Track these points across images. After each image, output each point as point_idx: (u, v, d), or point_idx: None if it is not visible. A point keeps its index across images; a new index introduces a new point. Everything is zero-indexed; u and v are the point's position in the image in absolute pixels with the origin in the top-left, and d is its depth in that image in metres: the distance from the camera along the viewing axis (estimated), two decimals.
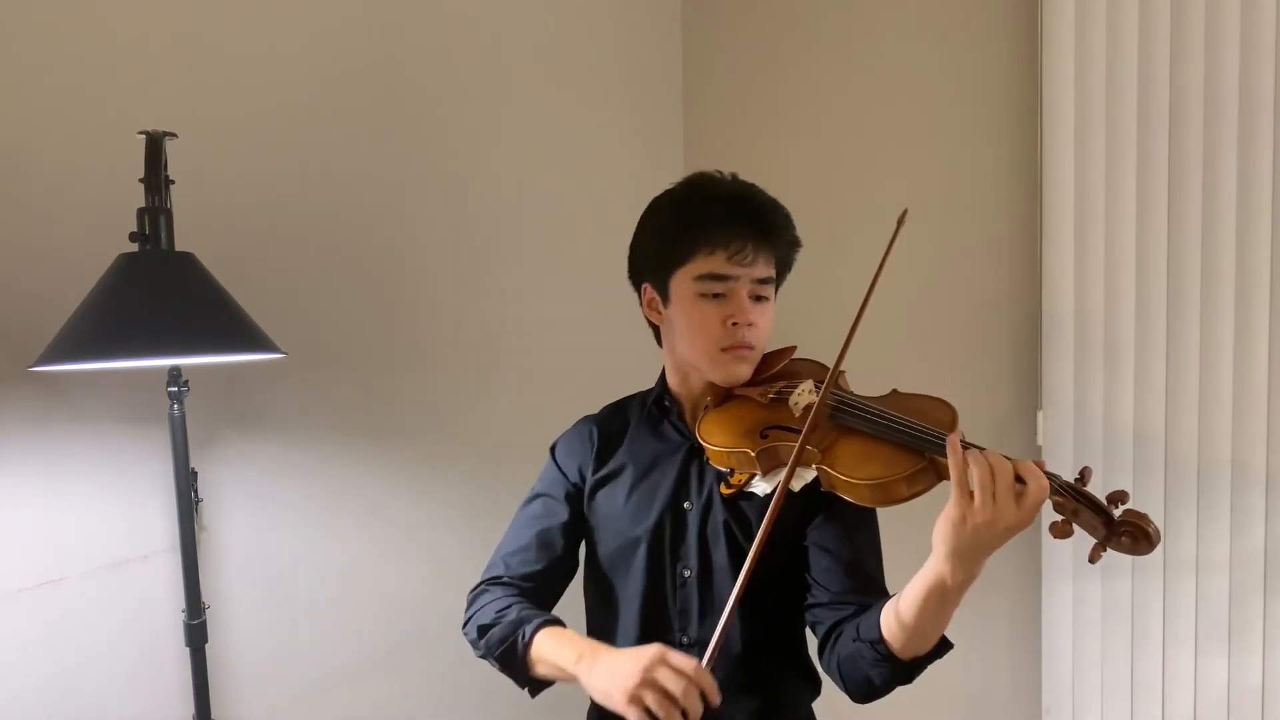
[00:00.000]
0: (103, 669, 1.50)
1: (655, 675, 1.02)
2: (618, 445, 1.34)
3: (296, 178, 1.73)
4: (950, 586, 1.00)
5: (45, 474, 1.44)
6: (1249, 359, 1.82)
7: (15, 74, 1.39)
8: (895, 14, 2.24)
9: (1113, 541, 0.98)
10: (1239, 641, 1.86)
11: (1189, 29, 1.83)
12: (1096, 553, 0.98)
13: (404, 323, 1.92)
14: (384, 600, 1.87)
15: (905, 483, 1.06)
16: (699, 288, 1.21)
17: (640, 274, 1.30)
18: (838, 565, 1.19)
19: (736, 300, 1.20)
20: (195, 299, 1.30)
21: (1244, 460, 1.84)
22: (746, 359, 1.23)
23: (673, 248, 1.23)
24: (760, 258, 1.21)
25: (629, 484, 1.30)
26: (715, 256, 1.20)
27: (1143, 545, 0.97)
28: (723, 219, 1.20)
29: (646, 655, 1.04)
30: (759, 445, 1.16)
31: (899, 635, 1.06)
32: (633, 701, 1.02)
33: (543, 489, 1.36)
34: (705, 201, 1.23)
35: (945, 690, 2.28)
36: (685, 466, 1.27)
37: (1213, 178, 1.83)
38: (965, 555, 0.98)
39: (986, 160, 2.15)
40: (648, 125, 2.51)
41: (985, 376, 2.18)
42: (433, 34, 1.96)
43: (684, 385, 1.31)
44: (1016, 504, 0.95)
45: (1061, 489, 0.99)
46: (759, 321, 1.23)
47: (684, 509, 1.26)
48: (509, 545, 1.33)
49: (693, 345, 1.24)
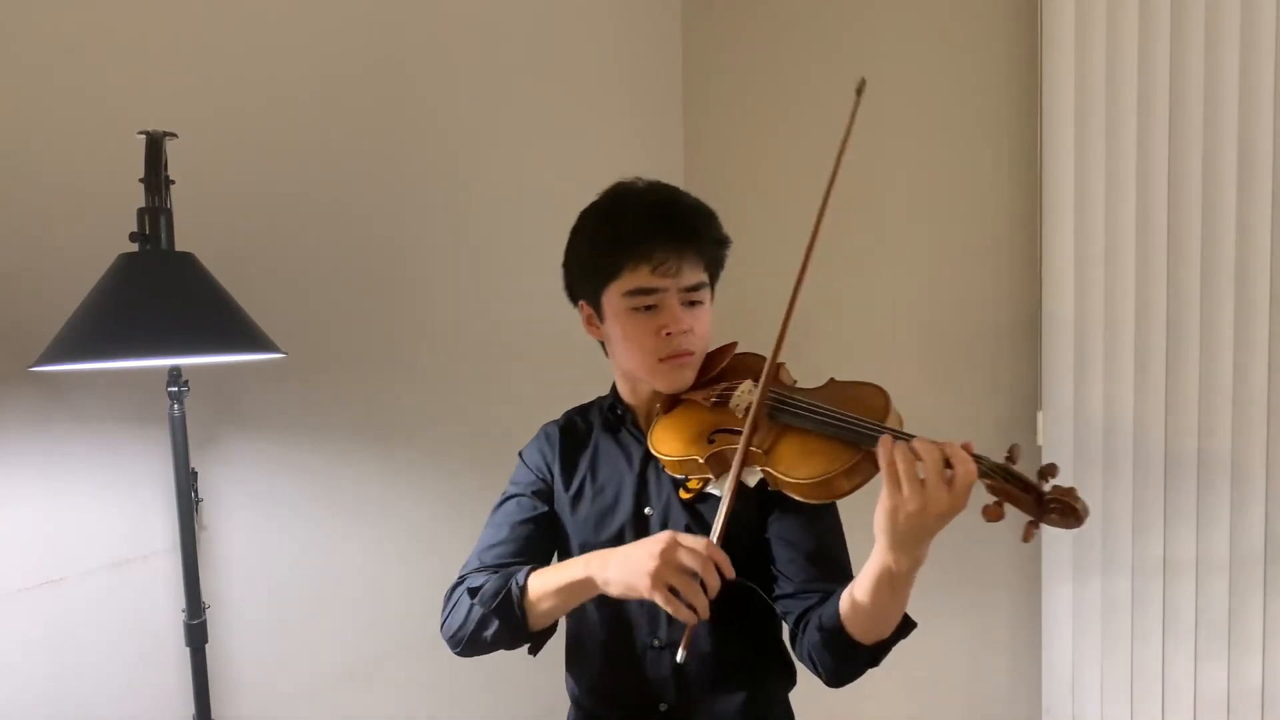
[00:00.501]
0: (103, 669, 1.50)
1: (674, 555, 1.04)
2: (580, 451, 1.35)
3: (296, 178, 1.73)
4: (896, 573, 1.01)
5: (45, 474, 1.44)
6: (1249, 359, 1.82)
7: (15, 74, 1.38)
8: (895, 14, 2.24)
9: (1045, 519, 0.97)
10: (1239, 641, 1.86)
11: (1189, 29, 1.83)
12: (1030, 531, 0.98)
13: (404, 322, 1.92)
14: (384, 600, 1.87)
15: (844, 477, 1.07)
16: (629, 303, 1.21)
17: (575, 292, 1.31)
18: (799, 555, 1.20)
19: (668, 310, 1.20)
20: (195, 299, 1.30)
21: (1244, 460, 1.84)
22: (687, 365, 1.24)
23: (598, 265, 1.23)
24: (685, 266, 1.21)
25: (592, 492, 1.31)
26: (640, 271, 1.19)
27: (1071, 520, 0.96)
28: (644, 232, 1.19)
29: (660, 540, 1.06)
30: (706, 451, 1.17)
31: (857, 623, 1.08)
32: (656, 582, 1.04)
33: (514, 490, 1.37)
34: (624, 216, 1.23)
35: (945, 690, 2.28)
36: (644, 472, 1.29)
37: (1212, 177, 1.83)
38: (905, 542, 0.99)
39: (986, 160, 2.15)
40: (648, 125, 2.51)
41: (985, 376, 2.18)
42: (433, 34, 1.96)
43: (634, 394, 1.32)
44: (947, 489, 0.95)
45: (990, 470, 0.99)
46: (695, 326, 1.23)
47: (645, 515, 1.27)
48: (483, 543, 1.33)
49: (631, 358, 1.25)
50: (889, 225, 2.29)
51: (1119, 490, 1.95)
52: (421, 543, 1.94)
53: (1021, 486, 0.98)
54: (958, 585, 2.23)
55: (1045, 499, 0.97)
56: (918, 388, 2.27)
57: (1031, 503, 0.98)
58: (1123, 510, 1.94)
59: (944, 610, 2.26)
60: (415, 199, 1.93)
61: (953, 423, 2.22)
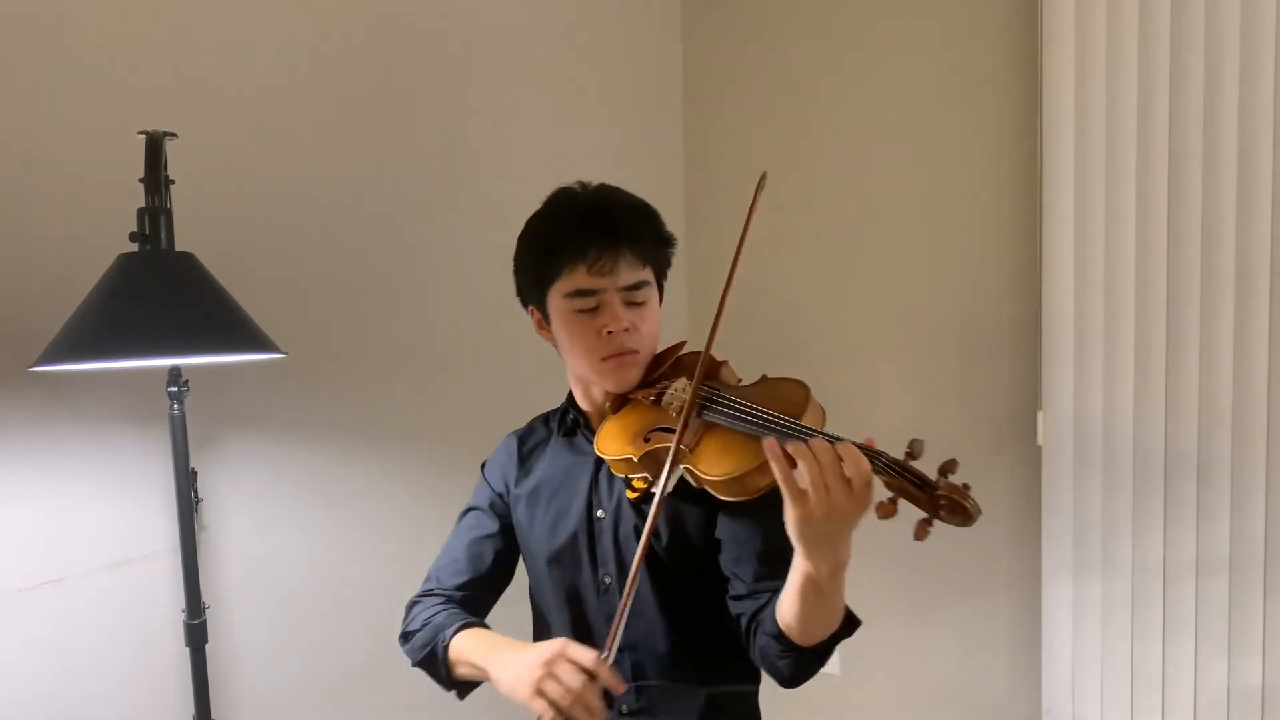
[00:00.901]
0: (103, 669, 1.50)
1: (555, 669, 1.05)
2: (537, 458, 1.37)
3: (296, 178, 1.73)
4: (820, 577, 0.99)
5: (45, 474, 1.44)
6: (1249, 358, 1.82)
7: (16, 74, 1.38)
8: (895, 14, 2.24)
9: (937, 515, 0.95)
10: (1239, 641, 1.86)
11: (1189, 29, 1.83)
12: (922, 529, 0.95)
13: (404, 323, 1.92)
14: (384, 600, 1.87)
15: (758, 474, 1.06)
16: (571, 304, 1.22)
17: (523, 297, 1.33)
18: (747, 554, 1.19)
19: (609, 310, 1.21)
20: (195, 299, 1.30)
21: (1244, 460, 1.84)
22: (631, 364, 1.23)
23: (539, 269, 1.25)
24: (622, 264, 1.20)
25: (547, 497, 1.33)
26: (577, 272, 1.20)
27: (962, 518, 0.94)
28: (577, 233, 1.20)
29: (549, 649, 1.08)
30: (640, 449, 1.17)
31: (794, 628, 1.07)
32: (535, 694, 1.06)
33: (473, 503, 1.41)
34: (563, 219, 1.24)
35: (945, 690, 2.28)
36: (595, 475, 1.30)
37: (1213, 177, 1.83)
38: (821, 547, 0.97)
39: (986, 160, 2.15)
40: (648, 125, 2.51)
41: (985, 376, 2.18)
42: (433, 36, 1.96)
43: (587, 397, 1.33)
44: (846, 490, 0.93)
45: (885, 467, 0.97)
46: (639, 325, 1.23)
47: (597, 518, 1.28)
48: (442, 559, 1.38)
49: (577, 359, 1.26)
50: (889, 225, 2.29)
51: (1119, 490, 1.95)
52: (421, 542, 1.93)
53: (916, 483, 0.96)
54: (957, 585, 2.23)
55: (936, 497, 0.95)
56: (918, 388, 2.27)
57: (925, 500, 0.95)
58: (1123, 510, 1.94)
59: (944, 610, 2.26)
60: (415, 199, 1.93)
61: (953, 423, 2.22)
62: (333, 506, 1.81)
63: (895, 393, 2.30)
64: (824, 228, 2.36)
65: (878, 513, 0.96)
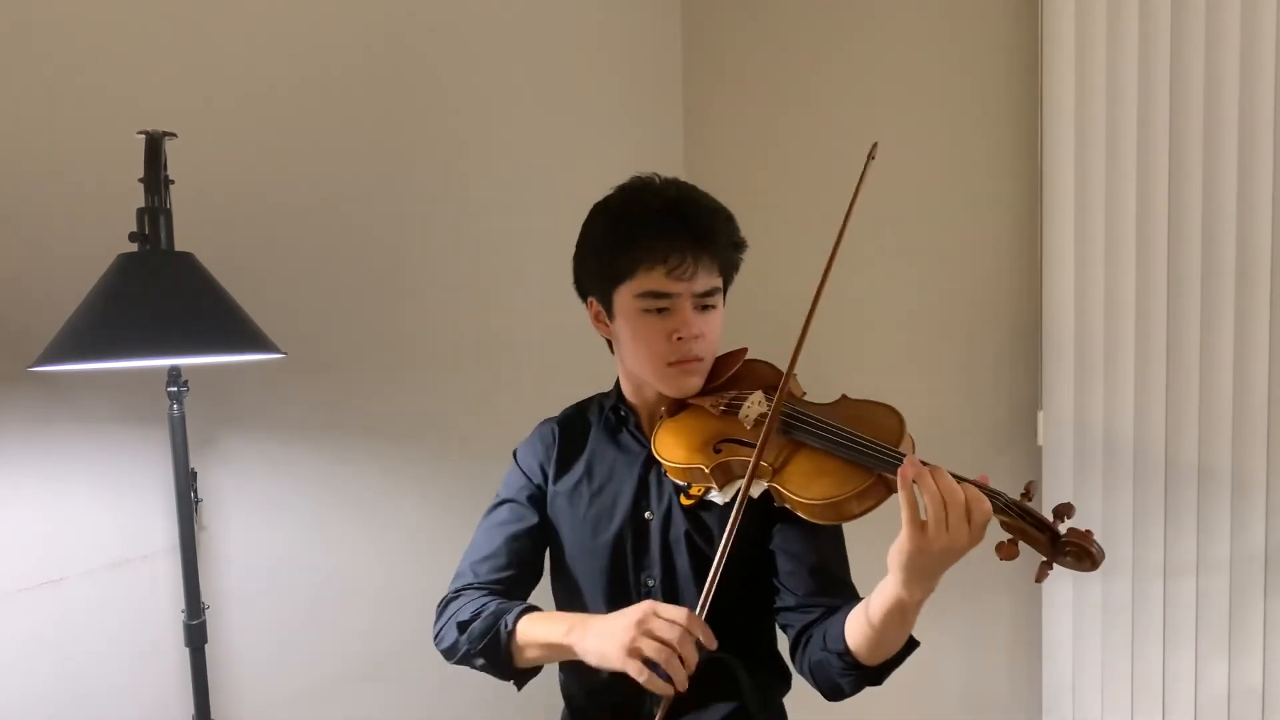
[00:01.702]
0: (103, 669, 1.50)
1: (650, 626, 1.03)
2: (578, 448, 1.33)
3: (296, 178, 1.73)
4: (909, 605, 1.01)
5: (45, 474, 1.43)
6: (1249, 358, 1.82)
7: (15, 73, 1.38)
8: (895, 14, 2.24)
9: (1058, 559, 0.97)
10: (1239, 641, 1.86)
11: (1189, 29, 1.83)
12: (1043, 571, 0.97)
13: (404, 323, 1.92)
14: (384, 600, 1.87)
15: (855, 500, 1.05)
16: (641, 304, 1.18)
17: (584, 288, 1.29)
18: (802, 569, 1.19)
19: (680, 314, 1.18)
20: (195, 299, 1.30)
21: (1244, 460, 1.84)
22: (695, 371, 1.22)
23: (612, 264, 1.20)
24: (700, 269, 1.17)
25: (589, 493, 1.29)
26: (655, 273, 1.16)
27: (1086, 564, 0.96)
28: (659, 233, 1.16)
29: (638, 610, 1.06)
30: (713, 460, 1.15)
31: (864, 647, 1.07)
32: (631, 654, 1.03)
33: (508, 494, 1.35)
34: (640, 214, 1.19)
35: (945, 690, 2.28)
36: (644, 475, 1.27)
37: (1213, 177, 1.83)
38: (923, 577, 0.98)
39: (987, 160, 2.15)
40: (648, 125, 2.51)
41: (985, 376, 2.18)
42: (433, 36, 1.96)
43: (638, 395, 1.30)
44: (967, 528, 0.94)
45: (1006, 507, 0.98)
46: (706, 332, 1.21)
47: (645, 519, 1.26)
48: (477, 553, 1.32)
49: (639, 360, 1.23)
50: (889, 225, 2.29)
51: (1119, 491, 1.95)
52: (421, 542, 1.94)
53: (1037, 525, 0.97)
54: (958, 586, 2.23)
55: (1061, 541, 0.96)
56: (918, 388, 2.27)
57: (1046, 543, 0.97)
58: (1123, 511, 1.94)
59: (944, 611, 2.26)
60: (415, 198, 1.93)
61: (953, 423, 2.22)
62: (333, 506, 1.81)
63: (895, 392, 2.29)
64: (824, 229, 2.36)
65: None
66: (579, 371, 1.60)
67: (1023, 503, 0.99)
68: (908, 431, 1.11)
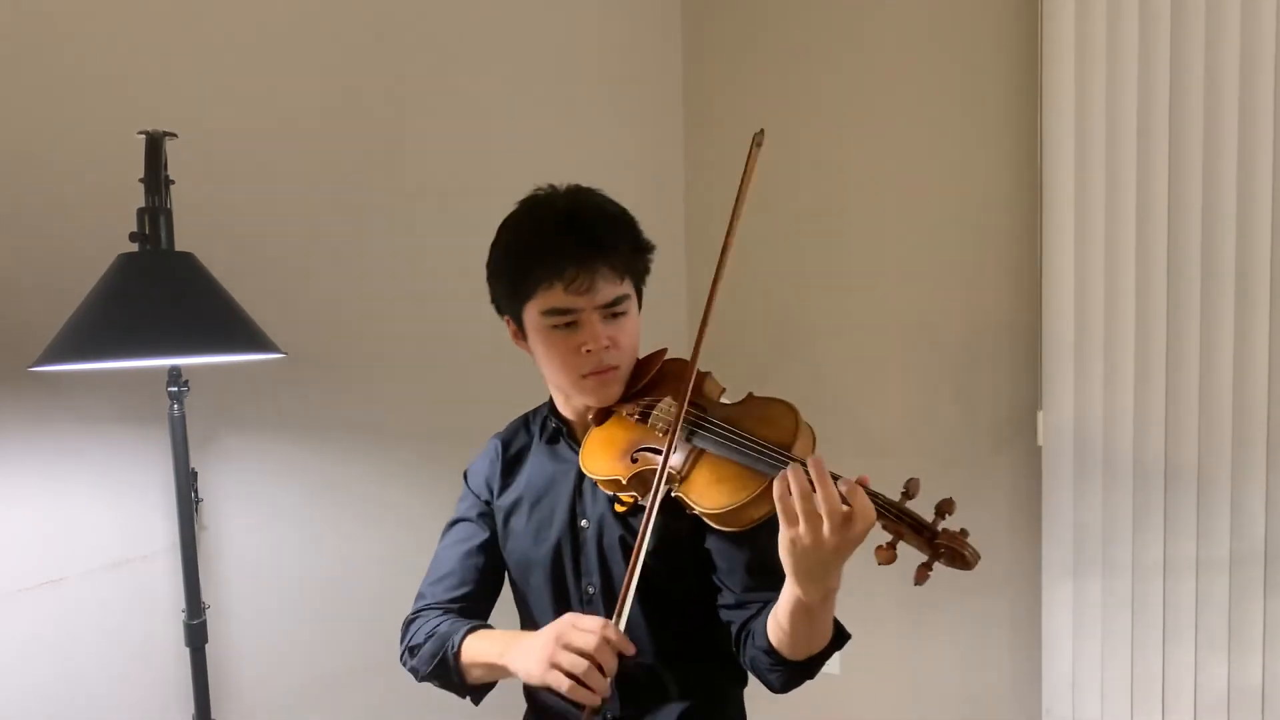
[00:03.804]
0: (103, 669, 1.50)
1: (567, 639, 1.06)
2: (520, 464, 1.35)
3: (296, 178, 1.73)
4: (808, 603, 1.00)
5: (45, 474, 1.44)
6: (1249, 358, 1.82)
7: (15, 73, 1.38)
8: (895, 15, 2.24)
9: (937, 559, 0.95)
10: (1239, 641, 1.86)
11: (1189, 29, 1.82)
12: (922, 573, 0.95)
13: (404, 323, 1.92)
14: (384, 600, 1.87)
15: (751, 506, 1.05)
16: (547, 321, 1.17)
17: (498, 307, 1.28)
18: (737, 566, 1.19)
19: (587, 328, 1.16)
20: (195, 299, 1.30)
21: (1244, 460, 1.83)
22: (612, 380, 1.21)
23: (514, 284, 1.20)
24: (600, 281, 1.15)
25: (529, 505, 1.31)
26: (554, 290, 1.15)
27: (960, 564, 0.95)
28: (553, 250, 1.14)
29: (556, 625, 1.09)
30: (629, 470, 1.15)
31: (784, 644, 1.08)
32: (551, 668, 1.06)
33: (459, 514, 1.38)
34: (534, 231, 1.18)
35: (945, 690, 2.28)
36: (579, 485, 1.27)
37: (1213, 177, 1.83)
38: (809, 575, 0.97)
39: (987, 162, 2.15)
40: (648, 125, 2.51)
41: (986, 378, 2.18)
42: (433, 35, 1.96)
43: (568, 405, 1.31)
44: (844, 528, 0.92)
45: (884, 509, 0.96)
46: (618, 339, 1.19)
47: (581, 527, 1.26)
48: (433, 574, 1.34)
49: (555, 375, 1.23)
50: (890, 227, 2.29)
51: (1119, 490, 1.95)
52: (421, 542, 1.92)
53: (914, 526, 0.96)
54: (958, 585, 2.23)
55: (936, 541, 0.95)
56: (918, 389, 2.27)
57: (924, 543, 0.95)
58: (1123, 510, 1.94)
59: (944, 610, 2.26)
60: (415, 199, 1.93)
61: (953, 424, 2.22)
62: (333, 506, 1.81)
63: (896, 393, 2.30)
64: (824, 229, 2.36)
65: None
66: None
67: (901, 504, 0.97)
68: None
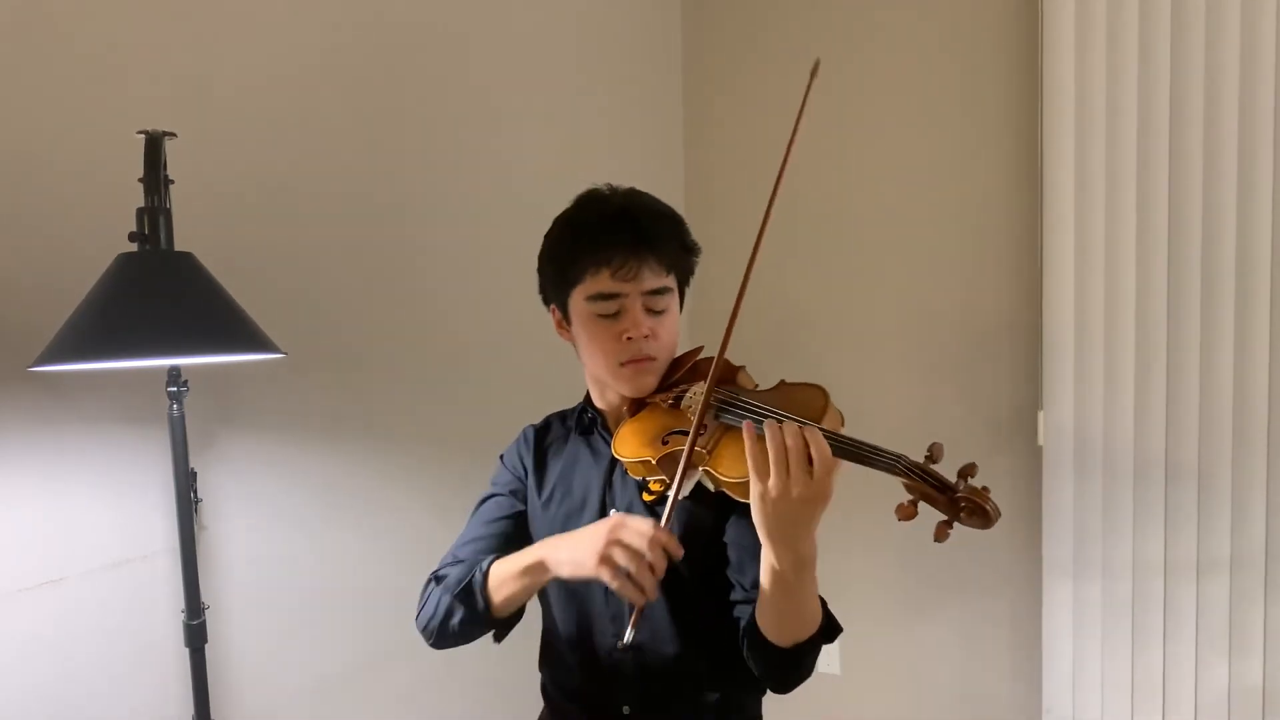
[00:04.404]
0: (103, 669, 1.50)
1: (619, 535, 1.06)
2: (553, 453, 1.38)
3: (296, 178, 1.73)
4: (780, 570, 1.02)
5: (45, 474, 1.43)
6: (1249, 358, 1.82)
7: (16, 73, 1.38)
8: (896, 15, 2.24)
9: (957, 518, 0.97)
10: (1239, 641, 1.86)
11: (1189, 29, 1.83)
12: (942, 530, 0.98)
13: (404, 323, 1.92)
14: (383, 600, 1.87)
15: None
16: (592, 308, 1.23)
17: (546, 297, 1.34)
18: (751, 559, 1.20)
19: (630, 316, 1.21)
20: (195, 299, 1.30)
21: (1244, 460, 1.84)
22: (648, 370, 1.25)
23: (564, 270, 1.25)
24: (645, 270, 1.21)
25: (561, 493, 1.34)
26: (601, 275, 1.21)
27: (981, 520, 0.96)
28: (603, 236, 1.21)
29: (608, 521, 1.10)
30: (659, 452, 1.18)
31: (768, 625, 1.09)
32: (603, 561, 1.06)
33: (493, 489, 1.42)
34: (588, 221, 1.25)
35: (946, 690, 2.28)
36: (610, 475, 1.31)
37: (1213, 177, 1.83)
38: (779, 533, 1.00)
39: (987, 160, 2.15)
40: (648, 125, 2.51)
41: (986, 377, 2.18)
42: (433, 35, 1.96)
43: (603, 398, 1.34)
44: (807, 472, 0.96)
45: (906, 470, 0.98)
46: (658, 332, 1.24)
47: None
48: (462, 539, 1.38)
49: (595, 362, 1.27)
50: (890, 226, 2.29)
51: (1119, 490, 1.95)
52: (421, 543, 1.93)
53: (937, 486, 0.98)
54: (958, 585, 2.23)
55: (957, 497, 0.96)
56: (919, 389, 2.27)
57: (946, 501, 0.97)
58: (1123, 510, 1.94)
59: (944, 610, 2.26)
60: (415, 198, 1.93)
61: (954, 423, 2.22)
62: (332, 506, 1.81)
63: (896, 393, 2.30)
64: (824, 229, 2.36)
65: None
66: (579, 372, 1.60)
67: (925, 465, 0.99)
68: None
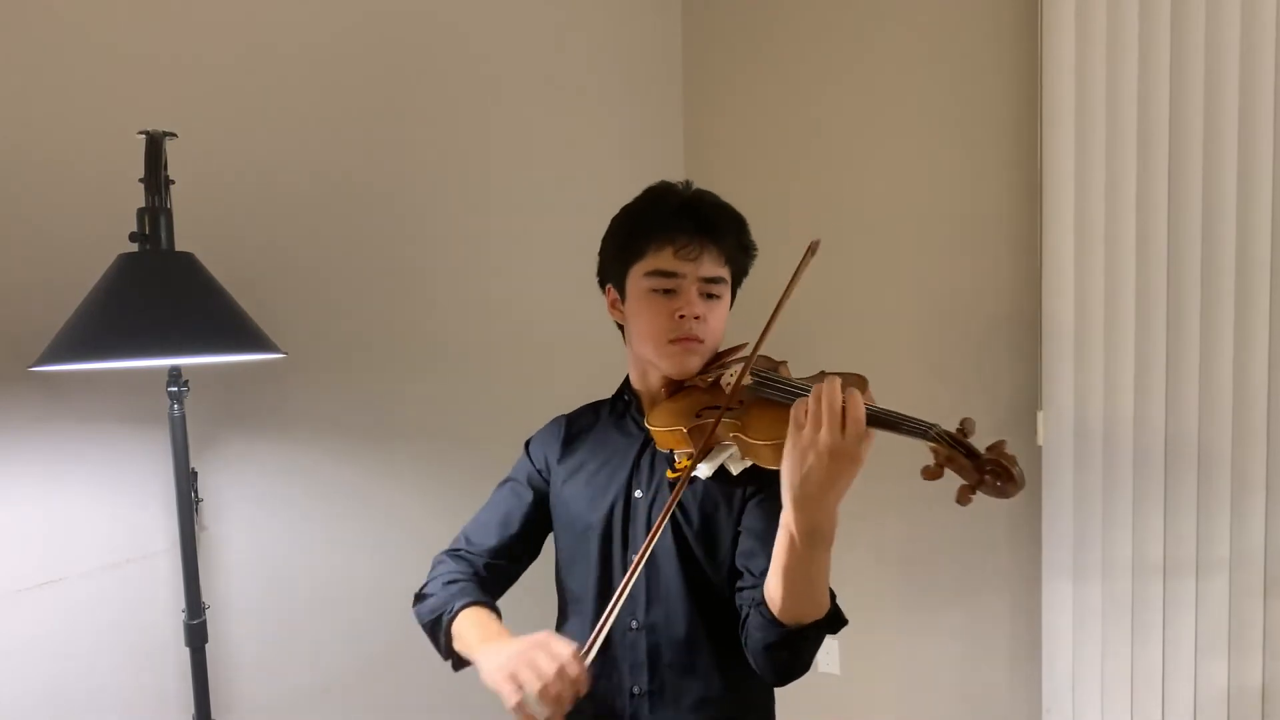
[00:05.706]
0: (103, 669, 1.50)
1: (531, 656, 1.07)
2: (583, 437, 1.40)
3: (297, 177, 1.73)
4: (795, 536, 1.02)
5: (45, 474, 1.44)
6: (1249, 358, 1.82)
7: (16, 74, 1.38)
8: (896, 15, 2.24)
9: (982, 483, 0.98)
10: (1239, 641, 1.86)
11: (1189, 29, 1.83)
12: (964, 494, 0.98)
13: (404, 323, 1.92)
14: (383, 600, 1.87)
15: None
16: (650, 283, 1.27)
17: (604, 276, 1.38)
18: (761, 546, 1.20)
19: (685, 295, 1.26)
20: (195, 299, 1.30)
21: (1244, 460, 1.84)
22: (695, 351, 1.28)
23: (627, 248, 1.30)
24: (706, 255, 1.26)
25: (589, 473, 1.36)
26: (663, 253, 1.26)
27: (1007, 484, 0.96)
28: (671, 218, 1.27)
29: (532, 639, 1.10)
30: (692, 423, 1.21)
31: (775, 597, 1.09)
32: (508, 678, 1.07)
33: (512, 475, 1.44)
34: (657, 204, 1.31)
35: (945, 690, 2.28)
36: (639, 456, 1.33)
37: (1213, 176, 1.83)
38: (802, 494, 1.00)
39: (986, 161, 2.15)
40: (648, 125, 2.51)
41: (985, 376, 2.18)
42: (433, 35, 1.96)
43: (643, 381, 1.36)
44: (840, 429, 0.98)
45: (938, 438, 1.01)
46: (709, 318, 1.28)
47: (635, 497, 1.31)
48: (475, 521, 1.42)
49: (644, 338, 1.29)
50: (890, 225, 2.29)
51: (1119, 490, 1.95)
52: (421, 542, 1.93)
53: (966, 453, 1.00)
54: (958, 585, 2.23)
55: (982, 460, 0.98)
56: (918, 388, 2.27)
57: (972, 466, 0.98)
58: (1123, 510, 1.94)
59: (944, 610, 2.26)
60: (415, 199, 1.93)
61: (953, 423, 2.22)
62: (333, 506, 1.81)
63: (895, 391, 2.29)
64: (824, 228, 2.36)
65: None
66: (580, 371, 1.60)
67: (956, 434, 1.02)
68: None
